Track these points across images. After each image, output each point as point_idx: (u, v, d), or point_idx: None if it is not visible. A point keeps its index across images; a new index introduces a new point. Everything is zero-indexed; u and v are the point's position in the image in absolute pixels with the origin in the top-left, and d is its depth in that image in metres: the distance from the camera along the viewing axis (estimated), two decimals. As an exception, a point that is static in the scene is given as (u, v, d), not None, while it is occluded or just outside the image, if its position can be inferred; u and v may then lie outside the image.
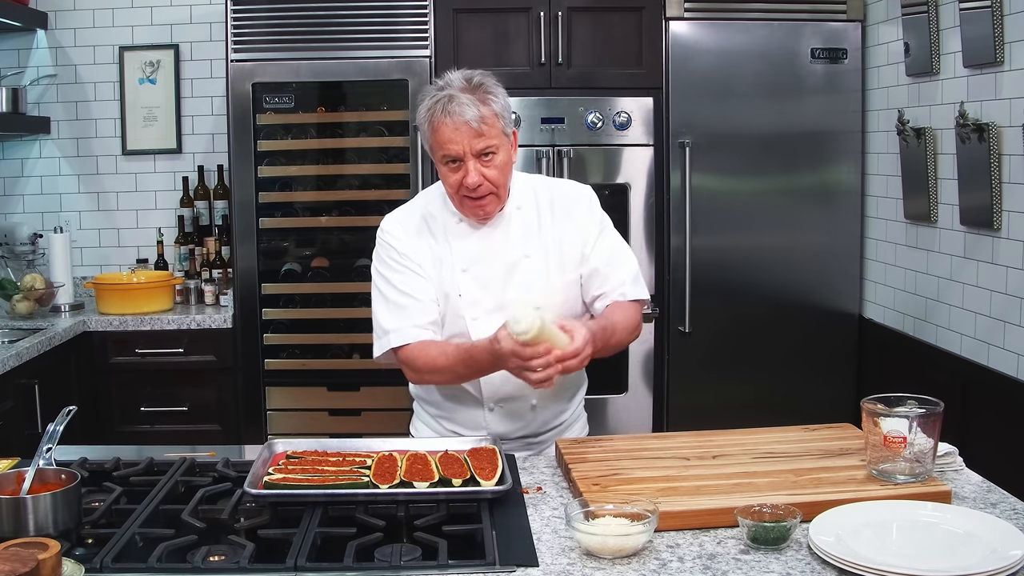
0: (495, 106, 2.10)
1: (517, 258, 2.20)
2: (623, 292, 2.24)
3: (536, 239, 2.22)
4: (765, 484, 1.81)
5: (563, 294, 2.20)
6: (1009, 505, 1.79)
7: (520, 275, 2.19)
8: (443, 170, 2.14)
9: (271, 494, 1.77)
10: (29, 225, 4.42)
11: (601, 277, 2.24)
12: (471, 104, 2.06)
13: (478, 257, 2.20)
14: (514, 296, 1.90)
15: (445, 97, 2.08)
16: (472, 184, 2.09)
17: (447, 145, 2.08)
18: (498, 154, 2.12)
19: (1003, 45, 2.93)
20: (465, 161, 2.09)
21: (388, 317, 2.20)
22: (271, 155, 3.98)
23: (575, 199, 2.29)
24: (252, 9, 3.83)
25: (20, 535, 1.55)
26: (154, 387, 3.97)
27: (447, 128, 2.07)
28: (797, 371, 3.96)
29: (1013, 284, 2.98)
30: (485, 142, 2.08)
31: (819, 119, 3.90)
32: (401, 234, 2.24)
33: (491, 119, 2.09)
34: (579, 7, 3.83)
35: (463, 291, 2.19)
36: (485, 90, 2.11)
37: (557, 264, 2.22)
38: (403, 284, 2.20)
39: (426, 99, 2.12)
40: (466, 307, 2.19)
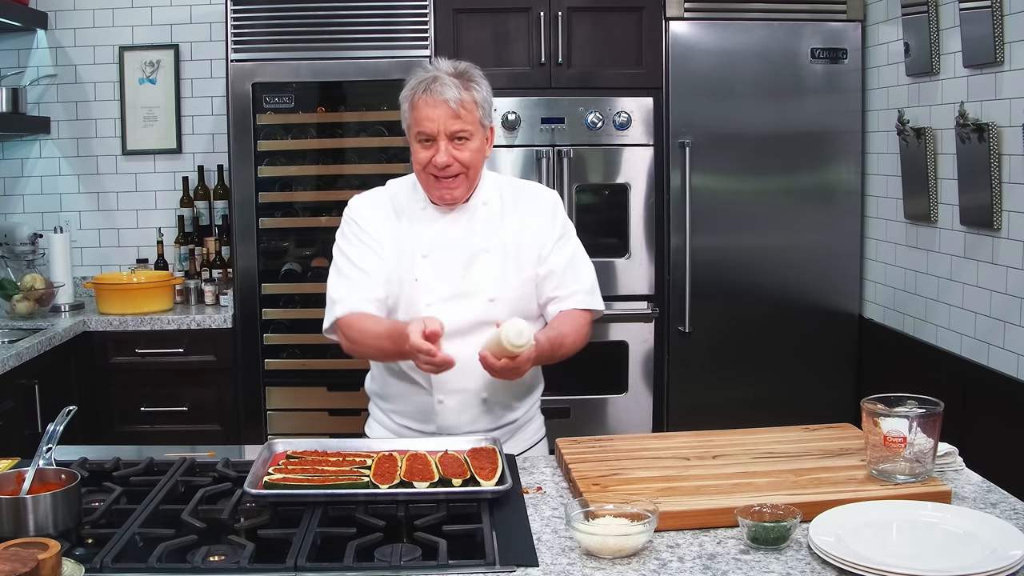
0: (476, 95, 2.15)
1: (477, 251, 2.23)
2: (578, 300, 2.27)
3: (497, 235, 2.25)
4: (765, 484, 1.81)
5: (518, 290, 2.24)
6: (1009, 505, 1.79)
7: (478, 266, 2.22)
8: (415, 147, 2.18)
9: (271, 494, 1.77)
10: (29, 225, 4.42)
11: (556, 280, 2.26)
12: (453, 86, 2.12)
13: (439, 245, 2.23)
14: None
15: (430, 77, 2.14)
16: (441, 163, 2.13)
17: (423, 122, 2.13)
18: (471, 140, 2.16)
19: (1003, 45, 2.93)
20: (438, 140, 2.13)
21: (338, 289, 2.23)
22: (271, 155, 3.98)
23: (538, 200, 2.32)
24: (252, 9, 3.83)
25: (20, 535, 1.55)
26: (154, 387, 3.96)
27: (426, 106, 2.12)
28: (797, 371, 3.96)
29: (1013, 284, 2.98)
30: (460, 125, 2.13)
31: (819, 119, 3.90)
32: (365, 211, 2.29)
33: (470, 105, 2.14)
34: (579, 7, 3.83)
35: (420, 276, 2.22)
36: (469, 78, 2.16)
37: (514, 261, 2.24)
38: (358, 258, 2.24)
39: (412, 79, 2.19)
40: (422, 293, 2.21)
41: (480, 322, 2.20)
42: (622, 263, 3.90)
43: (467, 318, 2.19)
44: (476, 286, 2.22)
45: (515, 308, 2.23)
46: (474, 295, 2.21)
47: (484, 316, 2.20)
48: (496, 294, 2.21)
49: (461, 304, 2.21)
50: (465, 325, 2.19)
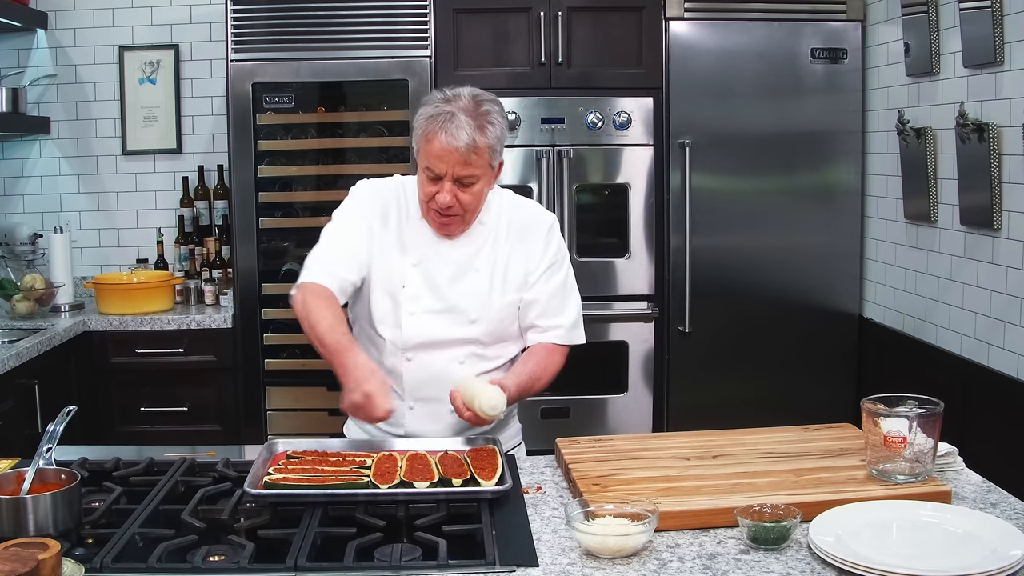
0: (490, 137, 2.11)
1: (466, 269, 2.23)
2: (558, 335, 2.26)
3: (488, 255, 2.24)
4: (765, 484, 1.81)
5: (500, 313, 2.22)
6: (1009, 505, 1.79)
7: (465, 284, 2.21)
8: (422, 178, 2.17)
9: (271, 494, 1.77)
10: (29, 225, 4.42)
11: (540, 309, 2.25)
12: (468, 128, 2.07)
13: (431, 257, 2.22)
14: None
15: (448, 114, 2.08)
16: (443, 203, 2.13)
17: (433, 160, 2.11)
18: (476, 184, 2.14)
19: (1003, 45, 2.93)
20: (444, 180, 2.11)
21: (314, 255, 2.23)
22: (271, 155, 3.98)
23: (534, 224, 2.29)
24: (252, 9, 3.83)
25: (20, 535, 1.55)
26: (154, 387, 3.96)
27: (438, 145, 2.09)
28: (797, 371, 3.96)
29: (1013, 284, 2.98)
30: (469, 171, 2.11)
31: (819, 119, 3.90)
32: (370, 195, 2.28)
33: (482, 150, 2.10)
34: (579, 7, 3.83)
35: (407, 283, 2.21)
36: (487, 119, 2.11)
37: (500, 283, 2.23)
38: (343, 234, 2.23)
39: (429, 106, 2.13)
40: (406, 300, 2.20)
41: (459, 339, 2.21)
42: (622, 263, 3.90)
43: (447, 333, 2.20)
44: (460, 304, 2.21)
45: (495, 330, 2.23)
46: (457, 312, 2.20)
47: (464, 334, 2.20)
48: (478, 315, 2.21)
49: (443, 319, 2.20)
50: (444, 339, 2.20)
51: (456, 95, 2.13)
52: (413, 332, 2.19)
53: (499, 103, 2.16)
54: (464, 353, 2.22)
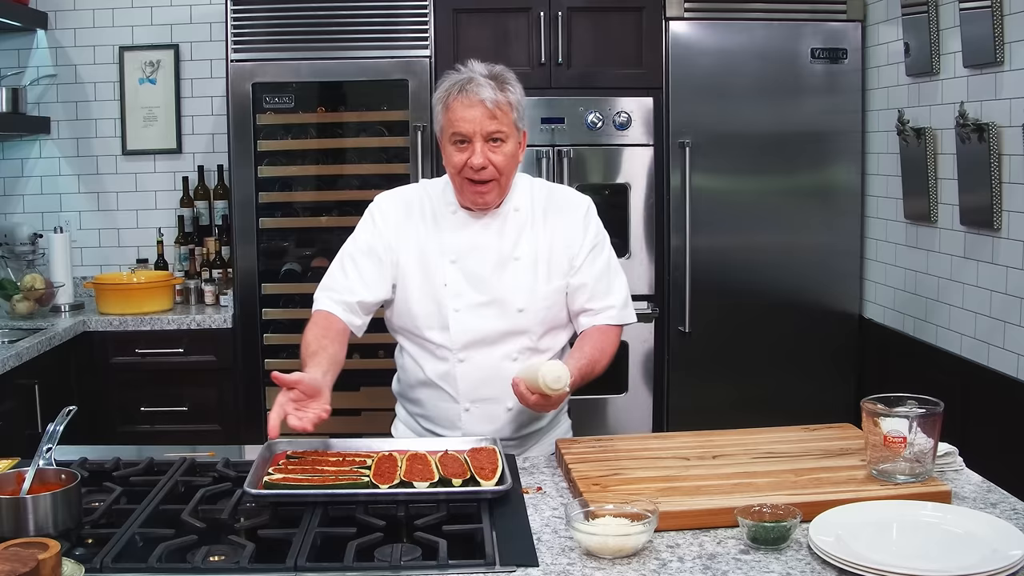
0: (511, 97, 2.13)
1: (506, 258, 2.20)
2: (610, 316, 2.24)
3: (528, 242, 2.22)
4: (765, 484, 1.81)
5: (547, 300, 2.21)
6: (1009, 505, 1.79)
7: (507, 275, 2.19)
8: (449, 150, 2.15)
9: (271, 494, 1.77)
10: (29, 225, 4.42)
11: (589, 294, 2.23)
12: (489, 87, 2.10)
13: (469, 251, 2.20)
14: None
15: (464, 79, 2.11)
16: (477, 165, 2.10)
17: (458, 123, 2.10)
18: (507, 143, 2.13)
19: (1003, 45, 2.93)
20: (473, 142, 2.10)
21: (325, 279, 2.24)
22: (271, 155, 3.97)
23: (571, 208, 2.28)
24: (252, 9, 3.83)
25: (20, 535, 1.55)
26: (154, 387, 3.96)
27: (461, 106, 2.09)
28: (797, 371, 3.96)
29: (1013, 284, 2.98)
30: (496, 126, 2.10)
31: (819, 119, 3.90)
32: (388, 210, 2.26)
33: (506, 107, 2.11)
34: (579, 7, 3.83)
35: (449, 281, 2.19)
36: (504, 80, 2.14)
37: (545, 270, 2.21)
38: (350, 261, 2.23)
39: (445, 81, 2.15)
40: (450, 298, 2.18)
41: (507, 332, 2.18)
42: (622, 263, 3.85)
43: (495, 327, 2.18)
44: (505, 295, 2.18)
45: (545, 318, 2.21)
46: (502, 304, 2.18)
47: (512, 326, 2.18)
48: (525, 304, 2.18)
49: (489, 312, 2.18)
50: (492, 334, 2.18)
51: (469, 67, 2.16)
52: (461, 329, 2.17)
53: (512, 72, 2.19)
54: (516, 348, 2.19)
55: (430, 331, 2.20)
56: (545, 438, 2.32)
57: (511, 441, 2.24)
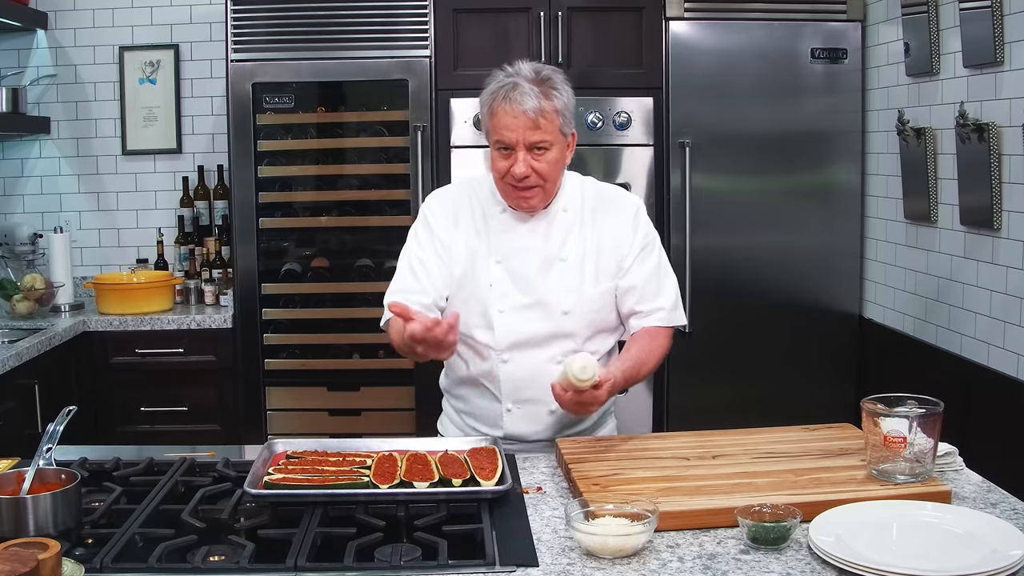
0: (557, 102, 2.09)
1: (553, 259, 2.19)
2: (660, 318, 2.22)
3: (575, 243, 2.20)
4: (765, 484, 1.81)
5: (595, 303, 2.19)
6: (1009, 505, 1.79)
7: (553, 276, 2.18)
8: (494, 155, 2.15)
9: (271, 494, 1.77)
10: (29, 225, 4.42)
11: (638, 296, 2.21)
12: (533, 95, 2.06)
13: (515, 251, 2.19)
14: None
15: (510, 84, 2.08)
16: (519, 174, 2.09)
17: (502, 131, 2.09)
18: (551, 150, 2.11)
19: (1003, 45, 2.93)
20: (516, 150, 2.09)
21: (393, 290, 2.22)
22: (271, 155, 3.98)
23: (621, 208, 2.26)
24: (252, 9, 3.83)
25: (20, 535, 1.55)
26: (154, 387, 3.96)
27: (505, 115, 2.08)
28: (797, 371, 3.96)
29: (1013, 284, 2.98)
30: (540, 135, 2.08)
31: (819, 119, 3.90)
32: (439, 209, 2.25)
33: (550, 114, 2.08)
34: (579, 7, 3.83)
35: (494, 282, 2.18)
36: (551, 85, 2.10)
37: (592, 272, 2.20)
38: (418, 260, 2.22)
39: (492, 83, 2.13)
40: (495, 299, 2.18)
41: (553, 334, 2.17)
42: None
43: (540, 328, 2.17)
44: (550, 296, 2.17)
45: (591, 321, 2.19)
46: (548, 305, 2.17)
47: (558, 328, 2.17)
48: (571, 306, 2.17)
49: (534, 314, 2.17)
50: (538, 336, 2.17)
51: (516, 69, 2.12)
52: (506, 331, 2.17)
53: (562, 72, 2.15)
54: (561, 351, 2.17)
55: (476, 330, 2.20)
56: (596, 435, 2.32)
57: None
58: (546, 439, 2.23)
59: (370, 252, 4.06)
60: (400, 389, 3.86)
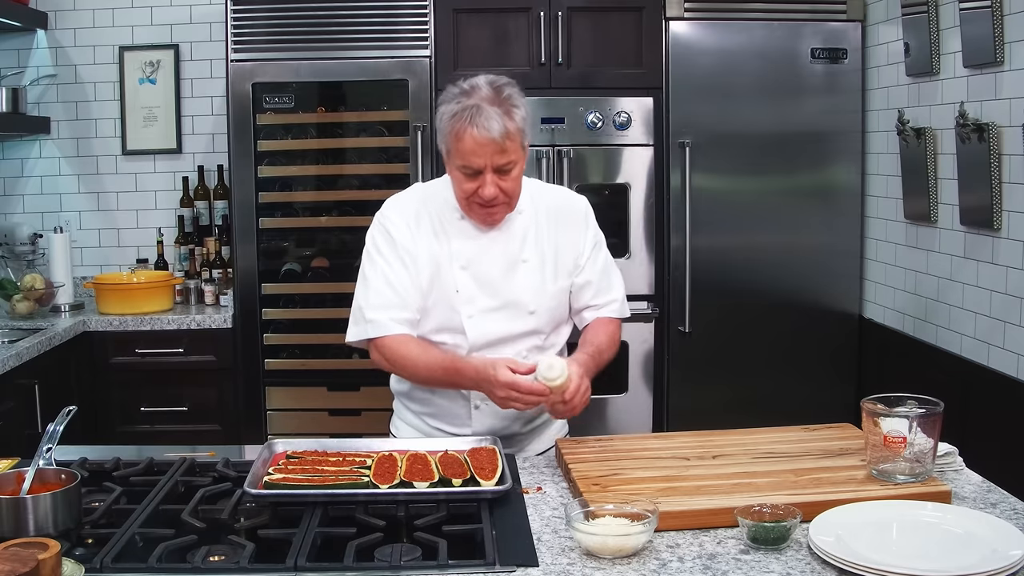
0: (518, 120, 2.08)
1: (515, 261, 2.22)
2: (613, 309, 2.31)
3: (533, 244, 2.24)
4: (765, 484, 1.81)
5: (555, 300, 2.24)
6: (1009, 505, 1.79)
7: (518, 277, 2.21)
8: (457, 175, 2.13)
9: (271, 494, 1.77)
10: (29, 225, 4.42)
11: (594, 290, 2.29)
12: (497, 117, 2.04)
13: (478, 256, 2.21)
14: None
15: (473, 107, 2.04)
16: (488, 196, 2.10)
17: (469, 157, 2.07)
18: (515, 168, 2.11)
19: (1003, 45, 2.93)
20: (484, 173, 2.08)
21: (370, 305, 2.18)
22: (271, 155, 3.98)
23: (572, 209, 2.31)
24: (252, 9, 3.83)
25: (20, 535, 1.55)
26: (154, 387, 3.96)
27: (471, 141, 2.04)
28: (797, 371, 3.96)
29: (1013, 284, 2.98)
30: (507, 158, 2.08)
31: (819, 119, 3.90)
32: (400, 222, 2.22)
33: (515, 134, 2.07)
34: (579, 7, 3.83)
35: (460, 287, 2.19)
36: (511, 103, 2.08)
37: (552, 270, 2.24)
38: (391, 274, 2.18)
39: (450, 103, 2.09)
40: (462, 304, 2.19)
41: (521, 333, 2.21)
42: (622, 263, 3.88)
43: (509, 328, 2.20)
44: (516, 297, 2.20)
45: (553, 316, 2.25)
46: (514, 306, 2.20)
47: (524, 327, 2.21)
48: (536, 305, 2.21)
49: (502, 315, 2.20)
50: (506, 336, 2.20)
51: (473, 86, 2.09)
52: (477, 333, 2.18)
53: (516, 84, 2.14)
54: (527, 347, 2.22)
55: (444, 334, 2.20)
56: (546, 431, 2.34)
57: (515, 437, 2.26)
58: (511, 434, 2.24)
59: (370, 252, 4.05)
60: (400, 389, 3.86)
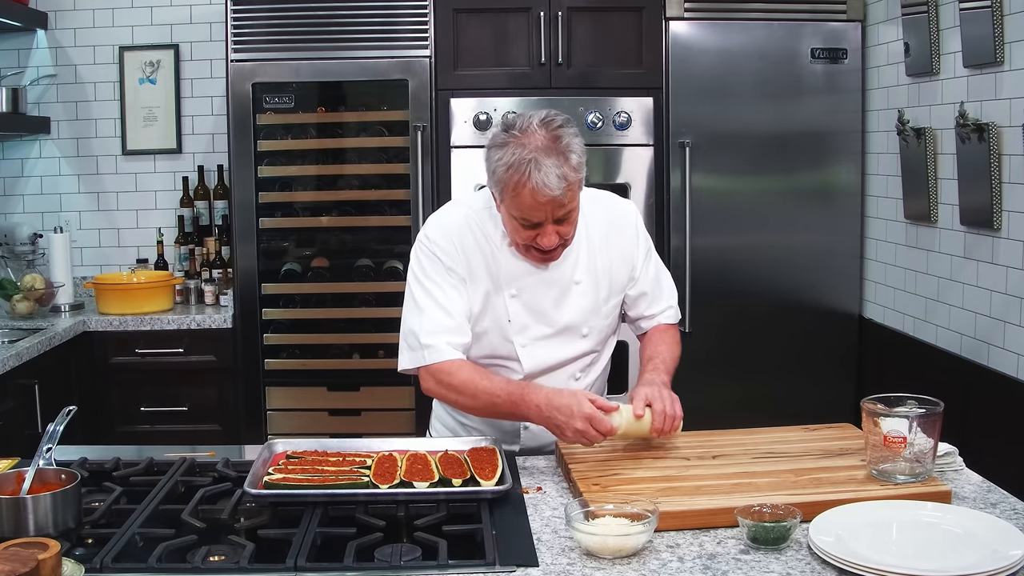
0: (576, 165, 1.97)
1: (567, 284, 2.16)
2: (669, 316, 2.30)
3: (585, 263, 2.17)
4: (765, 484, 1.81)
5: (607, 318, 2.22)
6: (1009, 505, 1.79)
7: (570, 302, 2.16)
8: (512, 223, 2.03)
9: (271, 494, 1.77)
10: (29, 225, 4.42)
11: (649, 300, 2.27)
12: (556, 170, 1.92)
13: (529, 284, 2.14)
14: None
15: (531, 161, 1.92)
16: (547, 246, 2.03)
17: (529, 212, 1.98)
18: (574, 212, 2.04)
19: (1003, 45, 2.93)
20: (545, 224, 2.00)
21: (424, 331, 2.09)
22: (271, 155, 3.98)
23: (623, 222, 2.24)
24: (252, 9, 3.83)
25: (20, 535, 1.55)
26: (154, 387, 3.97)
27: (531, 198, 1.94)
28: (797, 371, 3.96)
29: (1013, 284, 2.98)
30: (567, 209, 2.00)
31: (819, 119, 3.90)
32: (448, 246, 2.13)
33: (575, 183, 1.97)
34: (579, 7, 3.83)
35: (512, 317, 2.14)
36: (568, 147, 1.96)
37: (606, 289, 2.19)
38: (444, 299, 2.10)
39: (504, 150, 1.96)
40: (515, 333, 2.15)
41: (574, 356, 2.20)
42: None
43: (563, 354, 2.18)
44: (569, 322, 2.15)
45: (606, 335, 2.24)
46: (568, 332, 2.16)
47: (577, 351, 2.19)
48: (589, 328, 2.18)
49: (556, 341, 2.17)
50: (560, 361, 2.18)
51: (526, 130, 1.97)
52: (532, 364, 2.16)
53: (569, 119, 2.02)
54: (580, 366, 2.22)
55: (499, 359, 2.18)
56: None
57: None
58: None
59: (370, 252, 4.06)
60: (400, 389, 3.86)
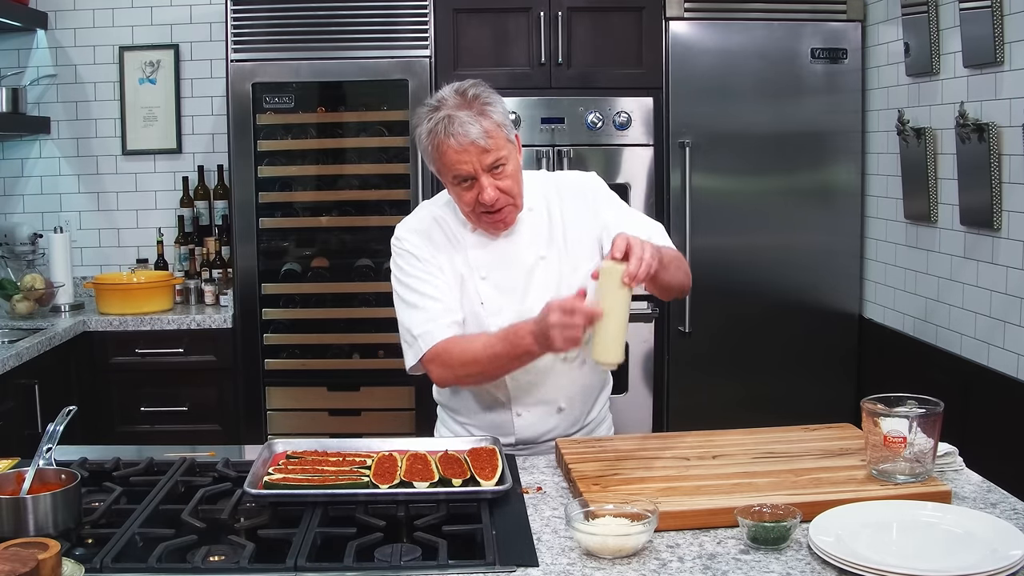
0: (495, 116, 2.05)
1: (533, 261, 2.18)
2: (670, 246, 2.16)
3: (548, 239, 2.19)
4: (765, 484, 1.81)
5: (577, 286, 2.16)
6: (1009, 505, 1.79)
7: (538, 278, 2.17)
8: (455, 190, 2.10)
9: (271, 494, 1.77)
10: (29, 225, 4.42)
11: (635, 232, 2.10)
12: (471, 120, 2.01)
13: (496, 264, 2.17)
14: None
15: (444, 118, 2.01)
16: (489, 200, 2.05)
17: (456, 166, 2.04)
18: (508, 164, 2.07)
19: (1003, 45, 2.93)
20: (478, 178, 2.04)
21: (415, 323, 2.13)
22: (271, 155, 3.98)
23: (581, 186, 2.25)
24: (252, 9, 3.83)
25: (20, 535, 1.55)
26: (154, 387, 3.97)
27: (452, 151, 2.01)
28: (797, 371, 3.96)
29: (1013, 284, 2.98)
30: (494, 156, 2.04)
31: (819, 119, 3.90)
32: (417, 240, 2.19)
33: (494, 131, 2.03)
34: (579, 7, 3.83)
35: (485, 299, 2.16)
36: (482, 102, 2.05)
37: (571, 261, 2.19)
38: (425, 288, 2.15)
39: (423, 122, 2.06)
40: (489, 316, 2.16)
41: None
42: (622, 263, 3.89)
43: None
44: (539, 298, 2.13)
45: None
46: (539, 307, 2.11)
47: None
48: None
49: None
50: None
51: (440, 99, 2.06)
52: None
53: (484, 83, 2.10)
54: None
55: None
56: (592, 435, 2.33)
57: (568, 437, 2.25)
58: (555, 438, 2.22)
59: (370, 252, 4.06)
60: (400, 389, 3.87)
